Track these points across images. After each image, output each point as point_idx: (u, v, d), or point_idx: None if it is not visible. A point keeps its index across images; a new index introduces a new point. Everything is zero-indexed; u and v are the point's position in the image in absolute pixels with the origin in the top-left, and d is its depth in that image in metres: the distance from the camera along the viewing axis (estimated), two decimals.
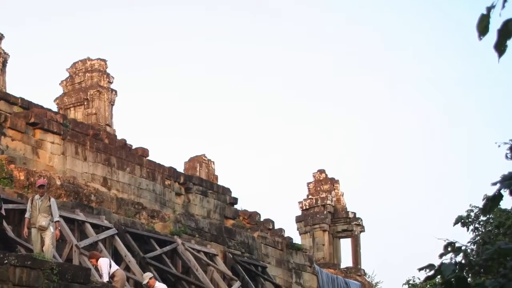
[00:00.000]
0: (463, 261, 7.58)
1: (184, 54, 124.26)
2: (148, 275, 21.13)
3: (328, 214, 51.23)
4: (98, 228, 24.61)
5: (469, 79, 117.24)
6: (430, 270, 7.58)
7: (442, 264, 7.31)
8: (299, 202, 53.01)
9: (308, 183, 53.68)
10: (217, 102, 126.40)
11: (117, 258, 24.16)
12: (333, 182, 53.44)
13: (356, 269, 50.31)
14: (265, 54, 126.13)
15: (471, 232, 17.13)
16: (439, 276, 7.49)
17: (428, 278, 7.77)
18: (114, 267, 20.27)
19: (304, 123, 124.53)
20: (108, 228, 24.95)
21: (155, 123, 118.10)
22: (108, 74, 42.24)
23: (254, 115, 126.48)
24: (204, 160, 43.29)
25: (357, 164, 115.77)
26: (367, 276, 51.59)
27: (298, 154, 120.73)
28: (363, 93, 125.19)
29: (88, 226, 24.06)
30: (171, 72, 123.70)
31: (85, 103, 40.79)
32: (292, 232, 57.58)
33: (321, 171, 53.96)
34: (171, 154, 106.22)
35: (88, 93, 40.85)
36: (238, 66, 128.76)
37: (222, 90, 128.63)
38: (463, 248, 7.76)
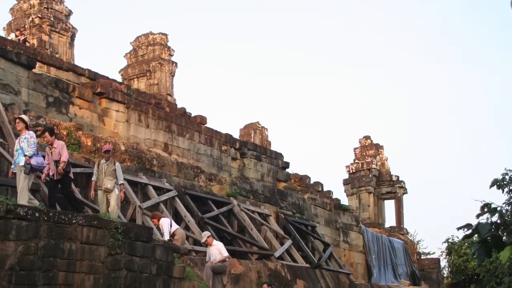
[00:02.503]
0: (498, 221, 7.65)
1: (238, 28, 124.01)
2: (206, 233, 20.96)
3: (373, 177, 51.19)
4: (159, 190, 24.61)
5: (501, 46, 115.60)
6: (468, 230, 7.59)
7: (479, 223, 7.47)
8: (346, 166, 53.03)
9: (355, 149, 53.65)
10: (270, 74, 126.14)
11: (177, 218, 24.12)
12: (378, 147, 53.34)
13: (399, 228, 50.12)
14: (313, 25, 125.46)
15: (506, 194, 16.67)
16: (476, 235, 7.48)
17: (466, 237, 7.79)
18: (175, 226, 20.19)
19: (351, 93, 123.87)
20: (169, 190, 24.92)
21: (212, 92, 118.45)
22: (169, 48, 42.30)
23: (305, 85, 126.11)
24: (258, 127, 43.16)
25: (401, 131, 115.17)
26: (409, 235, 51.43)
27: (345, 121, 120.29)
28: (405, 62, 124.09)
29: (151, 188, 24.05)
30: (227, 45, 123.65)
31: (148, 74, 40.91)
32: (340, 194, 57.65)
33: (367, 137, 53.89)
34: (227, 122, 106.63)
35: (151, 65, 40.95)
36: (289, 38, 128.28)
37: (274, 62, 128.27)
38: (498, 209, 7.74)
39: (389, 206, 53.00)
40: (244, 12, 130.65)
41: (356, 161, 52.93)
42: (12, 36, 34.51)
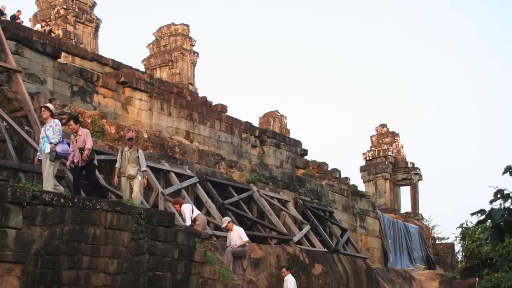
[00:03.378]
0: (511, 207, 7.63)
1: (258, 18, 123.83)
2: (226, 219, 20.95)
3: (389, 164, 51.12)
4: (181, 177, 24.59)
5: None
6: (482, 215, 7.55)
7: (492, 209, 7.55)
8: (363, 154, 52.98)
9: (371, 136, 53.58)
10: (289, 63, 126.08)
11: (198, 204, 24.11)
12: (394, 135, 53.28)
13: (414, 214, 50.07)
14: (330, 14, 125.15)
15: None
16: (489, 220, 7.43)
17: (479, 222, 7.75)
18: (196, 212, 20.15)
19: (367, 82, 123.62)
20: (190, 177, 24.91)
21: (233, 81, 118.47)
22: (190, 38, 42.29)
23: (322, 75, 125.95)
24: (277, 115, 43.10)
25: (416, 119, 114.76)
26: (425, 220, 51.31)
27: (362, 110, 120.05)
28: (420, 51, 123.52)
29: (173, 175, 24.04)
30: (247, 35, 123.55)
31: (170, 64, 40.93)
32: (357, 180, 57.45)
33: (383, 125, 53.81)
34: (247, 110, 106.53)
35: (172, 55, 40.96)
36: (308, 29, 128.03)
37: (293, 52, 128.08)
38: (511, 195, 7.70)
39: (405, 192, 53.03)
40: (262, 1, 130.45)
41: (373, 148, 52.85)
42: (38, 27, 34.53)
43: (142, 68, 39.52)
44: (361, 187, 47.22)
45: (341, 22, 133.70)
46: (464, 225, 35.68)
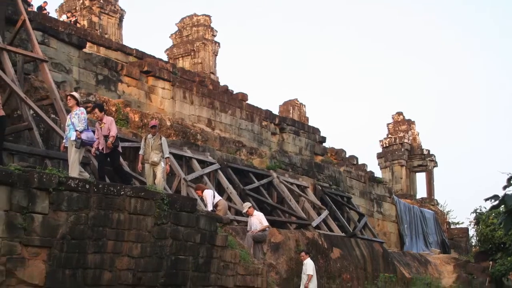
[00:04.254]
0: None
1: (277, 9, 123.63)
2: (247, 204, 20.91)
3: (405, 151, 50.99)
4: (203, 164, 24.57)
5: None
6: (495, 201, 7.45)
7: (505, 195, 7.78)
8: (380, 141, 52.86)
9: (388, 124, 53.46)
10: (308, 52, 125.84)
11: (220, 189, 24.07)
12: (410, 123, 53.13)
13: (430, 200, 49.92)
14: (347, 4, 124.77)
15: None
16: (502, 206, 7.31)
17: (493, 207, 7.68)
18: (217, 197, 20.08)
19: (384, 71, 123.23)
20: (212, 164, 24.89)
21: (254, 70, 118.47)
22: (212, 28, 42.20)
23: (340, 64, 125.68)
24: (297, 103, 42.98)
25: (432, 107, 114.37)
26: (440, 205, 51.13)
27: (379, 98, 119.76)
28: (433, 40, 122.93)
29: (195, 161, 24.03)
30: (267, 25, 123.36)
31: (192, 54, 40.88)
32: (374, 167, 57.22)
33: (399, 113, 53.70)
34: (267, 99, 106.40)
35: (195, 45, 40.90)
36: (326, 18, 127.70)
37: (311, 42, 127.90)
38: None
39: (421, 178, 52.86)
40: None
41: (389, 135, 52.72)
42: (63, 17, 34.51)
43: (165, 58, 39.48)
44: (378, 173, 47.10)
45: (359, 11, 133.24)
46: (478, 210, 35.55)
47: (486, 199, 7.91)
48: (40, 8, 30.99)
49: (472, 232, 46.55)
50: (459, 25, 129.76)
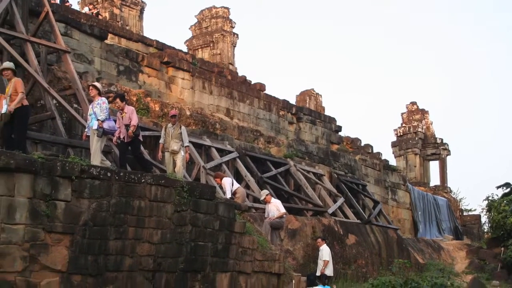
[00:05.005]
0: None
1: (293, 1, 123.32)
2: (265, 192, 20.85)
3: (419, 140, 50.85)
4: (222, 152, 24.55)
5: None
6: (507, 188, 7.22)
7: None
8: (394, 130, 52.79)
9: (402, 113, 53.39)
10: (325, 44, 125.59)
11: (238, 177, 24.05)
12: (424, 112, 53.02)
13: (443, 187, 49.75)
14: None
15: None
16: None
17: (504, 195, 7.45)
18: (236, 185, 20.02)
19: (399, 61, 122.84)
20: (230, 152, 24.86)
21: (271, 61, 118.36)
22: (230, 20, 42.08)
23: (355, 55, 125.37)
24: (313, 93, 42.78)
25: (445, 96, 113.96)
26: (453, 193, 50.94)
27: (393, 88, 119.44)
28: (445, 32, 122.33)
29: (214, 150, 23.98)
30: (284, 16, 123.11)
31: (211, 45, 40.78)
32: (388, 155, 57.01)
33: (413, 103, 53.58)
34: (284, 89, 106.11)
35: (214, 36, 40.80)
36: (342, 11, 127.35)
37: (329, 34, 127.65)
38: None
39: (434, 166, 52.69)
40: None
41: (404, 125, 52.60)
42: (86, 9, 34.48)
43: (184, 49, 39.37)
44: (393, 161, 47.04)
45: (375, 2, 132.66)
46: (490, 198, 35.35)
47: (498, 187, 7.76)
48: (63, 1, 30.94)
49: (484, 219, 46.44)
50: (472, 15, 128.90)
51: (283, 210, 20.24)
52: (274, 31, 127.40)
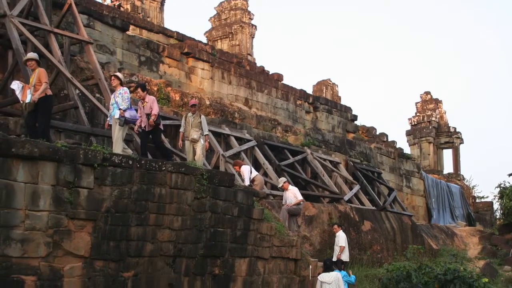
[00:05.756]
0: None
1: None
2: (282, 179, 20.77)
3: (433, 129, 50.62)
4: (240, 140, 24.51)
5: None
6: None
7: None
8: (409, 119, 52.61)
9: (416, 103, 53.14)
10: (341, 34, 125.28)
11: (256, 165, 24.02)
12: (437, 102, 52.78)
13: (456, 175, 49.51)
14: None
15: None
16: None
17: None
18: (254, 173, 19.92)
19: (413, 52, 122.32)
20: (249, 140, 24.81)
21: (289, 52, 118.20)
22: (249, 12, 41.94)
23: (371, 46, 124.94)
24: (329, 83, 42.60)
25: (458, 86, 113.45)
26: (465, 180, 50.62)
27: (408, 78, 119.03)
28: (459, 21, 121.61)
29: (232, 138, 23.94)
30: (302, 7, 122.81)
31: (230, 36, 40.66)
32: (403, 143, 56.77)
33: (427, 93, 53.34)
34: (301, 79, 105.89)
35: (232, 27, 40.67)
36: (357, 4, 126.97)
37: (342, 25, 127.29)
38: None
39: (447, 154, 52.42)
40: None
41: (418, 114, 52.38)
42: (108, 1, 34.42)
43: (204, 40, 39.33)
44: (407, 150, 46.84)
45: None
46: (502, 185, 35.09)
47: (510, 174, 7.58)
48: None
49: (496, 205, 46.15)
50: (485, 5, 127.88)
51: (300, 197, 20.14)
52: (291, 22, 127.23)
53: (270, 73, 35.00)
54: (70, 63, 19.80)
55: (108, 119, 15.62)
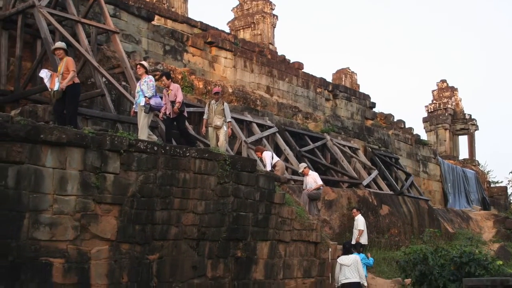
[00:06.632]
0: None
1: None
2: (303, 165, 20.68)
3: (449, 116, 50.30)
4: (262, 127, 24.45)
5: None
6: None
7: None
8: (425, 106, 52.26)
9: (433, 91, 52.88)
10: (360, 24, 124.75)
11: (277, 151, 23.94)
12: (453, 90, 52.45)
13: (471, 160, 49.17)
14: None
15: None
16: None
17: None
18: (275, 158, 19.85)
19: (430, 41, 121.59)
20: (270, 127, 24.74)
21: (309, 41, 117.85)
22: (270, 2, 41.73)
23: (389, 35, 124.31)
24: (348, 72, 42.32)
25: (474, 74, 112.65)
26: (480, 166, 50.28)
27: (424, 67, 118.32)
28: (474, 8, 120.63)
29: (254, 125, 23.87)
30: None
31: (252, 26, 40.47)
32: (420, 130, 56.41)
33: (443, 81, 52.99)
34: (321, 67, 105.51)
35: (254, 17, 40.48)
36: None
37: (360, 14, 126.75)
38: None
39: (463, 141, 52.06)
40: None
41: (434, 101, 52.01)
42: None
43: (227, 30, 39.14)
44: (424, 136, 46.57)
45: None
46: None
47: None
48: None
49: (510, 190, 45.90)
50: None
51: (320, 182, 20.04)
52: (311, 12, 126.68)
53: (291, 62, 34.85)
54: (97, 52, 19.79)
55: (133, 106, 15.57)
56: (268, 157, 19.29)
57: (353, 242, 19.99)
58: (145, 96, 14.74)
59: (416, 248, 17.20)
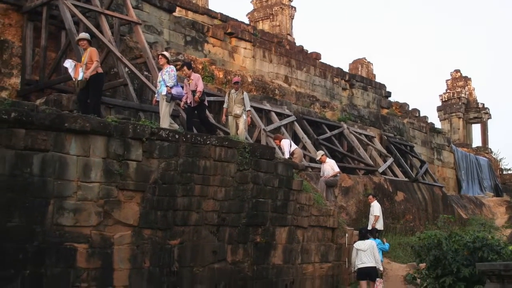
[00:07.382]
0: None
1: None
2: (320, 152, 20.57)
3: (462, 105, 49.95)
4: (281, 116, 24.38)
5: None
6: None
7: None
8: (440, 95, 51.90)
9: (447, 80, 52.45)
10: (376, 14, 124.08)
11: (295, 139, 23.88)
12: (467, 79, 52.04)
13: (484, 148, 48.79)
14: None
15: None
16: None
17: None
18: (294, 146, 19.70)
19: (444, 31, 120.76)
20: (289, 116, 24.68)
21: (326, 32, 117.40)
22: None
23: (404, 26, 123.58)
24: (365, 62, 42.01)
25: (487, 63, 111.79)
26: (493, 153, 49.85)
27: (438, 57, 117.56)
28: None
29: (273, 114, 23.83)
30: None
31: (271, 17, 40.26)
32: (434, 118, 56.00)
33: (457, 71, 52.54)
34: (338, 57, 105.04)
35: (273, 9, 40.29)
36: None
37: (377, 6, 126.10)
38: None
39: (476, 129, 51.65)
40: None
41: (448, 91, 51.63)
42: None
43: (246, 21, 38.92)
44: (438, 124, 46.24)
45: None
46: None
47: None
48: None
49: None
50: None
51: (337, 169, 19.94)
52: (328, 3, 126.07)
53: (309, 52, 34.61)
54: (119, 42, 19.76)
55: (155, 95, 15.52)
56: (287, 145, 19.15)
57: (369, 227, 19.82)
58: (166, 86, 14.68)
59: (431, 233, 17.00)
